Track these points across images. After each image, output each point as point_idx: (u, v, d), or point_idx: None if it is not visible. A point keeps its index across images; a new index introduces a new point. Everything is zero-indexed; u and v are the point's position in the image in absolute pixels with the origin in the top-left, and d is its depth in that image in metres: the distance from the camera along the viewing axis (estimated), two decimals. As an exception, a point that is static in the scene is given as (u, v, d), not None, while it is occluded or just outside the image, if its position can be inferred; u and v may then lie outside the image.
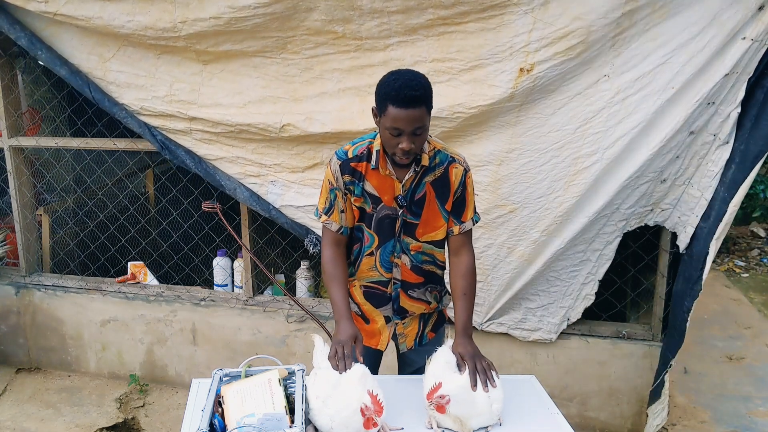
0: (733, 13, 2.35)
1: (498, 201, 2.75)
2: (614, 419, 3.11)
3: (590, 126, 2.58)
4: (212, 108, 2.96)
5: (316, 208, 2.06)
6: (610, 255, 2.81)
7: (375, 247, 2.03)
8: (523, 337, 3.01)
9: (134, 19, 2.81)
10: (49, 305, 3.65)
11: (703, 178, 2.60)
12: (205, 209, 3.25)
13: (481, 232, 2.82)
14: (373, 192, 1.96)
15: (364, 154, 1.94)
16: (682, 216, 2.70)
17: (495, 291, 2.92)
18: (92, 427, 3.21)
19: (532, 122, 2.63)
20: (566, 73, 2.53)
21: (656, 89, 2.49)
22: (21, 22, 3.10)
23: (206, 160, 3.13)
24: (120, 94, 3.10)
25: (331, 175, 1.96)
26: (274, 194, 3.07)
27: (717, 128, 2.52)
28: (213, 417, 1.72)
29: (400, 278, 2.07)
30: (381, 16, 2.57)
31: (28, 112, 3.82)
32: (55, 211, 3.83)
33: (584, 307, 2.91)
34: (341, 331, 1.91)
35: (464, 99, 2.61)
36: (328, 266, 2.03)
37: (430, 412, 1.80)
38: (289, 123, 2.85)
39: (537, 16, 2.45)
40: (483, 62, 2.57)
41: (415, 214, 1.98)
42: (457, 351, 1.94)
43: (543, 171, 2.67)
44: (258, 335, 3.40)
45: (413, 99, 1.74)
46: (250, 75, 2.88)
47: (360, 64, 2.72)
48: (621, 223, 2.74)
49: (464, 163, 1.99)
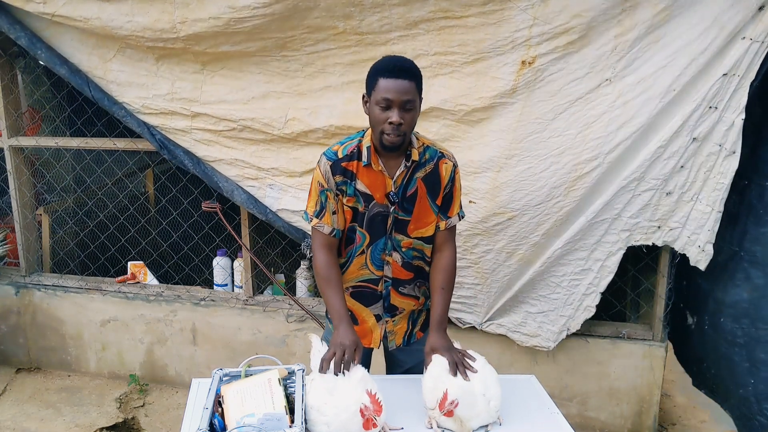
0: (734, 13, 2.35)
1: (496, 209, 2.73)
2: (614, 419, 3.10)
3: (591, 131, 2.57)
4: (216, 105, 2.97)
5: (305, 212, 2.03)
6: (612, 267, 2.78)
7: (366, 245, 2.02)
8: (521, 342, 3.01)
9: (133, 19, 2.81)
10: (49, 305, 3.65)
11: (713, 192, 2.56)
12: (205, 209, 3.26)
13: (479, 239, 2.81)
14: (366, 190, 1.95)
15: (354, 152, 1.93)
16: (692, 235, 2.65)
17: (494, 292, 2.91)
18: (92, 427, 3.21)
19: (532, 127, 2.62)
20: (568, 73, 2.53)
21: (658, 92, 2.48)
22: (21, 21, 3.10)
23: (205, 161, 3.13)
24: (121, 92, 3.11)
25: (321, 177, 1.95)
26: (271, 197, 3.07)
27: (722, 137, 2.49)
28: (213, 417, 1.72)
29: (392, 276, 2.07)
30: (382, 10, 2.57)
31: (28, 112, 3.82)
32: (55, 211, 3.83)
33: (584, 318, 2.89)
34: (343, 335, 1.89)
35: (467, 90, 2.62)
36: (322, 270, 1.99)
37: (439, 418, 1.79)
38: (294, 117, 2.85)
39: (536, 14, 2.46)
40: (485, 55, 2.58)
41: (407, 211, 1.98)
42: (429, 344, 1.95)
43: (542, 178, 2.65)
44: (258, 335, 3.40)
45: (403, 70, 1.79)
46: (252, 71, 2.89)
47: (361, 58, 2.72)
48: (624, 233, 2.71)
49: (453, 158, 2.00)
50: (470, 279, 2.91)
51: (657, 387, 3.02)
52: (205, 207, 3.26)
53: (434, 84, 2.65)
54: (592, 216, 2.68)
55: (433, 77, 2.66)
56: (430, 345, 1.96)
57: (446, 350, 1.91)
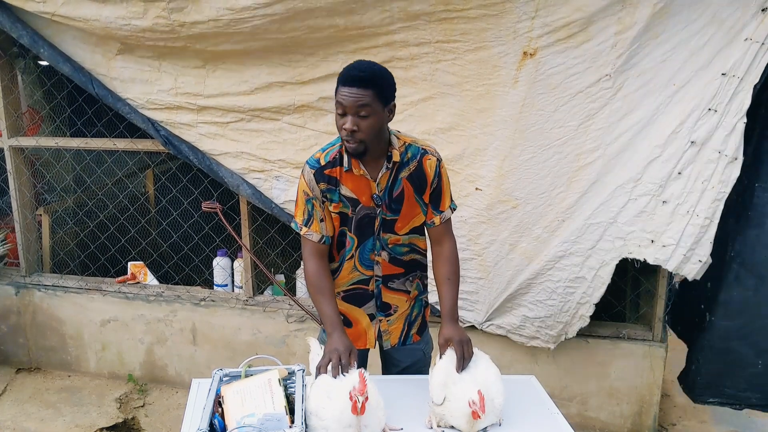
0: (732, 11, 2.37)
1: (501, 196, 2.76)
2: (614, 419, 3.11)
3: (593, 122, 2.60)
4: (220, 98, 2.99)
5: (294, 221, 2.02)
6: (605, 278, 2.77)
7: (354, 248, 2.02)
8: (522, 342, 3.01)
9: (130, 23, 2.82)
10: (49, 305, 3.65)
11: (711, 203, 2.52)
12: (205, 209, 3.26)
13: (483, 228, 2.83)
14: (351, 195, 1.95)
15: (336, 158, 1.93)
16: (687, 252, 2.60)
17: (496, 287, 2.92)
18: (92, 427, 3.21)
19: (534, 118, 2.64)
20: (568, 67, 2.55)
21: (658, 86, 2.51)
22: (23, 20, 3.10)
23: (210, 155, 3.13)
24: (125, 89, 3.11)
25: (306, 186, 1.95)
26: (278, 189, 3.08)
27: (722, 143, 2.46)
28: (213, 417, 1.72)
29: (381, 274, 2.07)
30: (383, 4, 2.59)
31: (28, 112, 3.82)
32: (55, 211, 3.83)
33: (580, 326, 2.88)
34: (336, 341, 1.88)
35: (470, 77, 2.65)
36: (313, 278, 1.99)
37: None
38: (303, 104, 2.88)
39: (539, 5, 2.48)
40: (487, 44, 2.61)
41: (394, 211, 1.98)
42: (443, 335, 1.94)
43: (546, 167, 2.68)
44: (258, 335, 3.40)
45: (357, 78, 1.78)
46: (255, 63, 2.91)
47: (363, 47, 2.75)
48: (618, 242, 2.70)
49: (436, 153, 2.00)
50: (473, 273, 2.92)
51: (657, 387, 3.03)
52: (205, 207, 3.26)
53: (438, 69, 2.69)
54: (590, 214, 2.69)
55: (435, 62, 2.69)
56: (444, 336, 1.94)
57: (459, 343, 1.89)
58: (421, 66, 2.73)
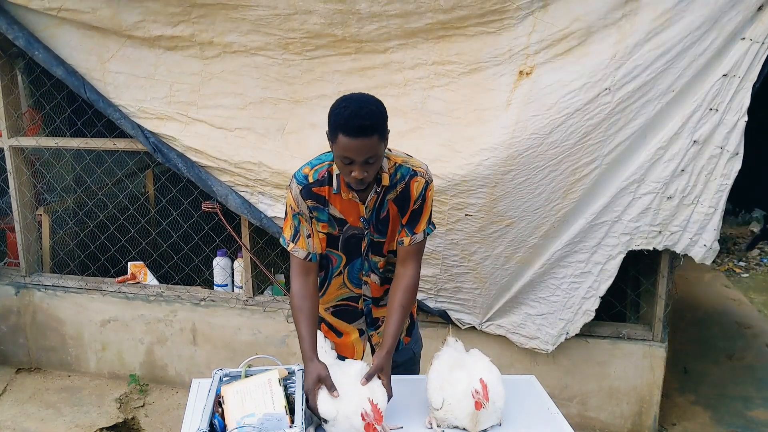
0: (734, 14, 2.35)
1: (494, 218, 2.70)
2: (614, 419, 3.11)
3: (589, 138, 2.54)
4: (212, 110, 2.96)
5: (283, 236, 1.95)
6: (612, 272, 2.77)
7: (343, 265, 2.00)
8: (520, 343, 3.01)
9: (142, 4, 2.80)
10: (49, 305, 3.65)
11: (715, 194, 2.55)
12: (205, 209, 3.26)
13: (477, 247, 2.78)
14: (339, 215, 1.91)
15: (325, 177, 1.86)
16: (694, 236, 2.65)
17: (493, 294, 2.91)
18: (92, 427, 3.21)
19: (528, 143, 2.55)
20: (564, 85, 2.48)
21: (657, 94, 2.48)
22: (20, 21, 3.10)
23: (198, 165, 3.11)
24: (118, 94, 3.09)
25: (293, 201, 1.88)
26: (264, 204, 3.05)
27: (723, 139, 2.48)
28: (213, 417, 1.72)
29: (371, 295, 2.06)
30: (380, 20, 2.58)
31: (28, 112, 3.82)
32: (55, 211, 3.83)
33: (584, 322, 2.88)
34: (312, 371, 1.82)
35: (462, 103, 2.61)
36: (296, 299, 1.92)
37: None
38: (293, 130, 2.86)
39: (537, 18, 2.45)
40: (482, 65, 2.58)
41: (381, 233, 1.95)
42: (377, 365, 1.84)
43: (541, 185, 2.62)
44: (258, 335, 3.40)
45: (363, 128, 1.67)
46: (251, 75, 2.89)
47: (360, 66, 2.72)
48: (624, 237, 2.70)
49: (426, 174, 1.91)
50: (469, 284, 2.90)
51: (657, 387, 3.03)
52: (205, 207, 3.26)
53: (430, 96, 2.65)
54: (592, 218, 2.68)
55: (429, 88, 2.65)
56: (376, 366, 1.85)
57: (387, 376, 1.84)
58: (412, 93, 2.68)
